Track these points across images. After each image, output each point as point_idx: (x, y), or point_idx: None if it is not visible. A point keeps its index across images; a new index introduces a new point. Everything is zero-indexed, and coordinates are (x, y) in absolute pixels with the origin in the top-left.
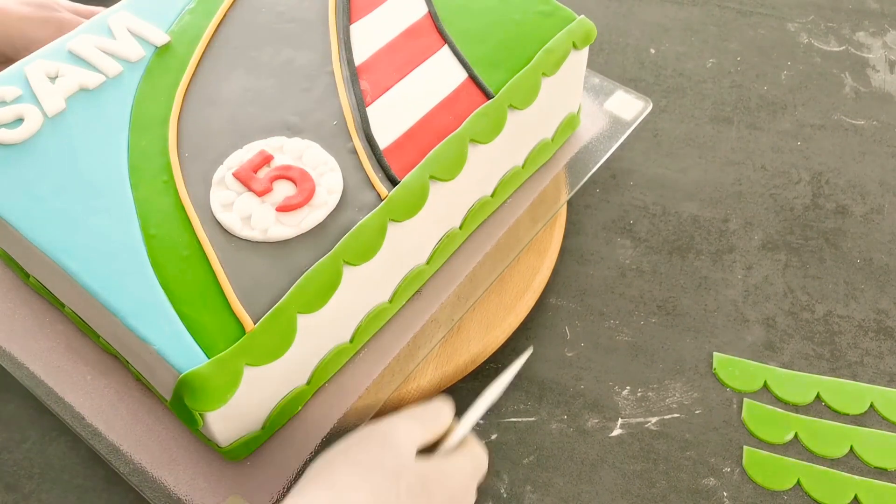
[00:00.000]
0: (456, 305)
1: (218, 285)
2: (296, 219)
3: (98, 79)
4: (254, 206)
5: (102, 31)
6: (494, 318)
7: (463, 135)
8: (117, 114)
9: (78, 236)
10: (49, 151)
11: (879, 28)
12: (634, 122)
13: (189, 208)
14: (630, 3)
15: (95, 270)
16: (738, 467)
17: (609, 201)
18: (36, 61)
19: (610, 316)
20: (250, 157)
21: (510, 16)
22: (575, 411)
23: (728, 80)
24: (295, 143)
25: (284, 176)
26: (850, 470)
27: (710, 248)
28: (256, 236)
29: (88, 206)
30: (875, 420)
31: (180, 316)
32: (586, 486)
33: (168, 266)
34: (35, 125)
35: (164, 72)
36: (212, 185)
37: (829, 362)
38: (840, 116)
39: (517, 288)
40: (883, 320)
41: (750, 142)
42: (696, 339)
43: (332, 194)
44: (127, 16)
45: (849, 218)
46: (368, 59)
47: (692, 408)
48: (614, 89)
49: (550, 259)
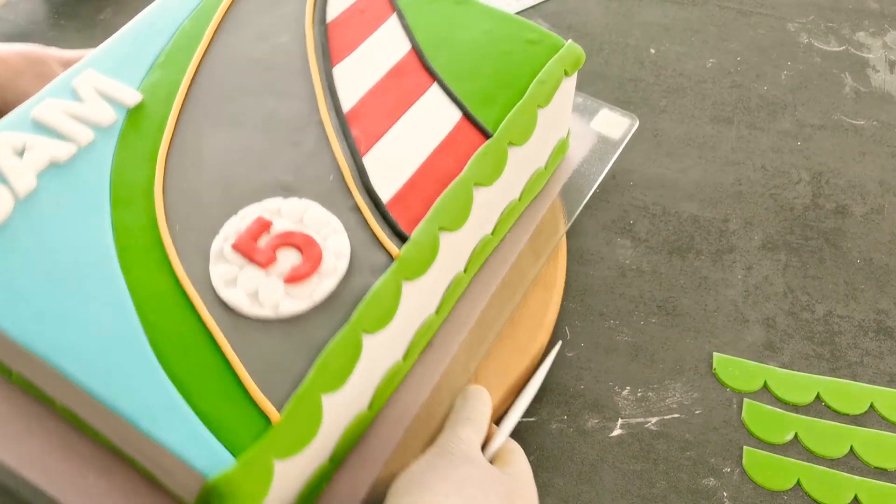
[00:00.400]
0: (470, 353)
1: (233, 373)
2: (306, 290)
3: (69, 149)
4: (259, 280)
5: (67, 94)
6: (510, 362)
7: (467, 179)
8: (95, 188)
9: (69, 332)
10: (24, 238)
11: (879, 28)
12: (622, 140)
13: (189, 288)
14: (630, 3)
15: (94, 369)
16: (738, 467)
17: (609, 201)
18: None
19: (610, 316)
20: (248, 226)
21: (498, 47)
22: (575, 411)
23: (728, 80)
24: (292, 203)
25: (288, 243)
26: (850, 470)
27: (710, 248)
28: (267, 314)
29: (77, 296)
30: (875, 420)
31: (196, 412)
32: (586, 486)
33: (174, 356)
34: (6, 209)
35: (140, 136)
36: (210, 259)
37: (829, 362)
38: (840, 116)
39: (529, 327)
40: (883, 320)
41: (750, 142)
42: (696, 339)
43: (340, 259)
44: (93, 75)
45: (849, 218)
46: (356, 104)
47: (692, 408)
48: (598, 108)
49: (558, 293)
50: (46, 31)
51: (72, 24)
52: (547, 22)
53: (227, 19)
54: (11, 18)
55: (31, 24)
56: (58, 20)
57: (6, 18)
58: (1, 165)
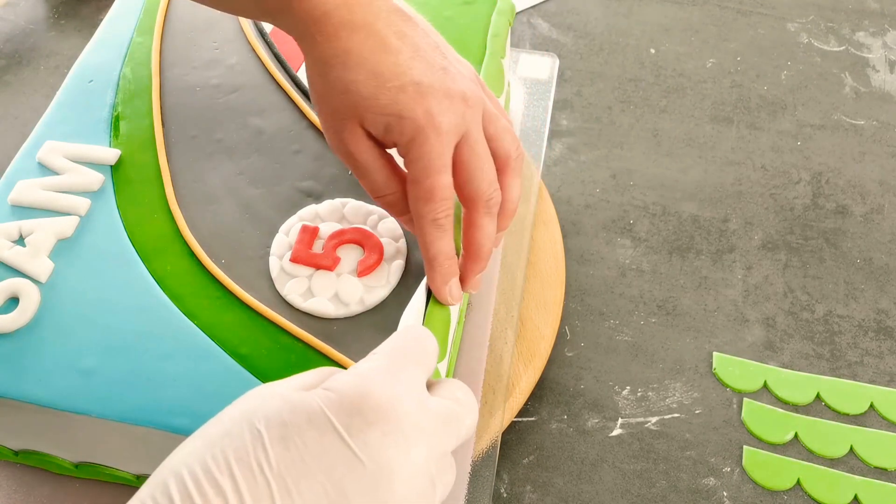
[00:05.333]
0: (508, 304)
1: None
2: (381, 277)
3: (71, 222)
4: (335, 283)
5: (36, 171)
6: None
7: None
8: (116, 249)
9: (169, 392)
10: (69, 319)
11: (879, 28)
12: (552, 78)
13: (268, 312)
14: (630, 3)
15: (206, 418)
16: (738, 467)
17: (609, 201)
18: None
19: (610, 316)
20: (298, 237)
21: (440, 14)
22: (575, 411)
23: (728, 80)
24: (328, 205)
25: (344, 241)
26: (850, 470)
27: (710, 248)
28: (355, 310)
29: (156, 356)
30: (875, 420)
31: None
32: (586, 486)
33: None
34: (33, 298)
35: (138, 188)
36: (273, 280)
37: (829, 362)
38: (840, 116)
39: (531, 343)
40: (883, 320)
41: (750, 142)
42: (696, 339)
43: (399, 240)
44: (56, 145)
45: (849, 218)
46: None
47: (692, 408)
48: (518, 55)
49: (555, 316)
50: (46, 31)
51: (72, 24)
52: (547, 22)
53: (165, 57)
54: (11, 18)
55: (31, 24)
56: (58, 20)
57: (6, 18)
58: (7, 259)
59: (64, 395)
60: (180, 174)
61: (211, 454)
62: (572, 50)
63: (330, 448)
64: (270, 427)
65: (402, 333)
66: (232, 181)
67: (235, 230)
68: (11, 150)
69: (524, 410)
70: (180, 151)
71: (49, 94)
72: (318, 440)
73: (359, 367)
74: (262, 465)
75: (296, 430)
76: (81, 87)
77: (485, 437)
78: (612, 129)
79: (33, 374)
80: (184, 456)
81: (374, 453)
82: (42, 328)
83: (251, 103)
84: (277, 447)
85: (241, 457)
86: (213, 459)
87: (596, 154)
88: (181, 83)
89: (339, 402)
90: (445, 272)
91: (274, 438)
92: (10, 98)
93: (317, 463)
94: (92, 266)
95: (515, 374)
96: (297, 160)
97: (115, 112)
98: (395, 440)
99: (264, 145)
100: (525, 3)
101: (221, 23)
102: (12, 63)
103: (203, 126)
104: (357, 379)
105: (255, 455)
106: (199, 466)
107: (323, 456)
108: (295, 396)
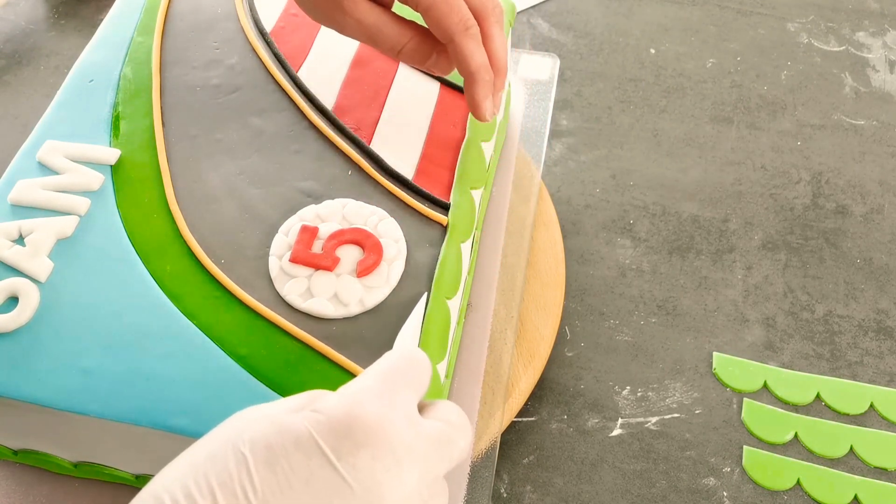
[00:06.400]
0: (507, 305)
1: (347, 372)
2: (381, 278)
3: (71, 221)
4: (334, 283)
5: (36, 171)
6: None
7: (475, 139)
8: (116, 249)
9: (172, 394)
10: (69, 318)
11: (879, 28)
12: (553, 78)
13: (268, 313)
14: (630, 3)
15: (205, 418)
16: (738, 467)
17: (609, 201)
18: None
19: (610, 316)
20: (297, 237)
21: None
22: (575, 411)
23: (728, 80)
24: (328, 205)
25: (343, 241)
26: (850, 470)
27: (710, 248)
28: (354, 311)
29: (155, 355)
30: (875, 420)
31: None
32: (586, 486)
33: (288, 384)
34: (33, 297)
35: (138, 188)
36: (273, 280)
37: (829, 362)
38: (840, 116)
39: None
40: (883, 320)
41: (750, 142)
42: (696, 339)
43: (398, 241)
44: (56, 144)
45: (849, 218)
46: (337, 101)
47: (692, 408)
48: (519, 56)
49: (555, 316)
50: (46, 31)
51: (72, 24)
52: (547, 22)
53: (165, 57)
54: (11, 18)
55: (31, 23)
56: (58, 20)
57: (6, 18)
58: (7, 258)
59: (63, 394)
60: (180, 174)
61: (194, 478)
62: (572, 50)
63: (317, 472)
64: (256, 450)
65: (394, 353)
66: (232, 181)
67: (235, 230)
68: (11, 150)
69: (524, 410)
70: (180, 151)
71: (49, 93)
72: (305, 464)
73: (348, 388)
74: (247, 490)
75: (282, 453)
76: (82, 87)
77: (484, 437)
78: (612, 129)
79: (32, 373)
80: (166, 479)
81: (364, 477)
82: (41, 328)
83: (251, 103)
84: (263, 471)
85: (225, 481)
86: (196, 484)
87: (596, 154)
88: (181, 83)
89: (328, 423)
90: (487, 84)
91: (259, 462)
92: (10, 98)
93: (303, 487)
94: (91, 266)
95: (515, 375)
96: (297, 160)
97: (115, 112)
98: (385, 464)
99: (264, 145)
100: (525, 3)
101: (221, 23)
102: (12, 63)
103: (203, 126)
104: (346, 400)
105: (238, 480)
106: (180, 491)
107: (310, 480)
108: (282, 419)
